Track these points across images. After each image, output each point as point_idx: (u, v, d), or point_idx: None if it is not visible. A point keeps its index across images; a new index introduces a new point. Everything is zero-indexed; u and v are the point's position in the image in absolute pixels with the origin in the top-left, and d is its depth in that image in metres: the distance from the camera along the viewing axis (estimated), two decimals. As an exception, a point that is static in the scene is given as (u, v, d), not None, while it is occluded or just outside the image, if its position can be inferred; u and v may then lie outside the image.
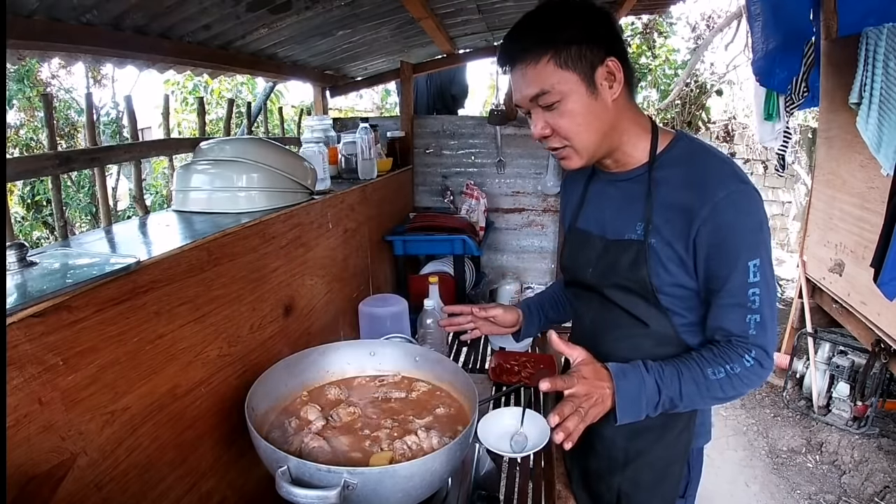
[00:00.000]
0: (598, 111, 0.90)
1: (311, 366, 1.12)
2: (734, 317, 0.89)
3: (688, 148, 0.95)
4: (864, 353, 2.83)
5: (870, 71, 1.67)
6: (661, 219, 0.92)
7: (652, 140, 0.96)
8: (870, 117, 1.68)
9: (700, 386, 0.89)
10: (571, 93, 0.87)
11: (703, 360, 0.91)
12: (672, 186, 0.92)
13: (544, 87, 0.87)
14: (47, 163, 1.40)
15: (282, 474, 0.76)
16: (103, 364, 0.73)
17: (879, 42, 1.64)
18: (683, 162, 0.93)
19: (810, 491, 2.76)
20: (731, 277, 0.88)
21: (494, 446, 1.29)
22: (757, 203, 0.88)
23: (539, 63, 0.86)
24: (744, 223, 0.87)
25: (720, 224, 0.86)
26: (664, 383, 0.90)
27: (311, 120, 2.02)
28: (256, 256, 1.11)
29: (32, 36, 1.19)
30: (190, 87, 6.31)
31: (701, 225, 0.87)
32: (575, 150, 0.93)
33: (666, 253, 0.92)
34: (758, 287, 0.87)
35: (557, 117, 0.89)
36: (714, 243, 0.88)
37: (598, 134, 0.91)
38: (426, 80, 3.54)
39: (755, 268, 0.87)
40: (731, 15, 6.75)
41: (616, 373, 0.90)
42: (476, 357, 1.98)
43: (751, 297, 0.88)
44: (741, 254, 0.87)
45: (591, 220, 1.07)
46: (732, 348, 0.90)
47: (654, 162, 0.95)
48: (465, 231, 2.06)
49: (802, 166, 5.50)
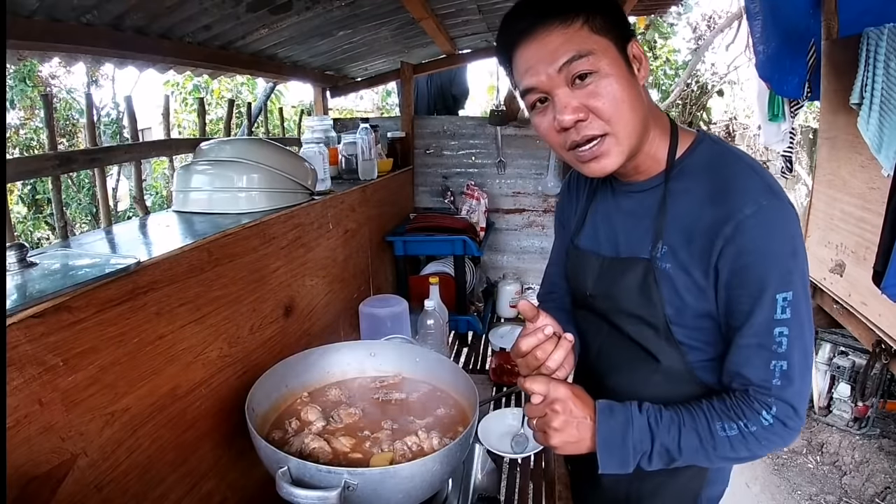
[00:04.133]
0: (637, 91, 0.76)
1: (312, 366, 1.12)
2: (756, 361, 0.74)
3: (711, 153, 0.81)
4: (864, 353, 2.83)
5: (870, 71, 1.67)
6: (678, 239, 0.79)
7: (671, 143, 0.82)
8: (871, 118, 1.68)
9: (704, 442, 0.76)
10: (612, 63, 0.73)
11: (711, 412, 0.77)
12: (692, 201, 0.78)
13: (581, 49, 0.71)
14: (47, 163, 1.40)
15: (282, 475, 0.76)
16: (103, 365, 0.73)
17: (880, 43, 1.64)
18: (705, 170, 0.79)
19: (811, 492, 2.76)
20: (755, 312, 0.73)
21: (495, 447, 1.29)
22: (791, 222, 0.73)
23: (571, 26, 0.72)
24: (774, 247, 0.72)
25: (745, 246, 0.72)
26: (659, 430, 0.76)
27: (311, 120, 2.02)
28: (257, 257, 1.11)
29: (32, 36, 1.19)
30: (190, 88, 6.32)
31: (724, 246, 0.73)
32: (616, 138, 0.75)
33: (683, 281, 0.79)
34: (787, 326, 0.72)
35: (595, 94, 0.73)
36: (737, 269, 0.74)
37: (638, 119, 0.76)
38: (426, 80, 3.54)
39: (785, 302, 0.72)
40: (731, 15, 6.75)
41: (601, 408, 0.79)
42: (476, 358, 1.98)
43: (777, 337, 0.72)
44: (769, 284, 0.72)
45: (598, 237, 0.92)
46: (749, 401, 0.75)
47: (672, 170, 0.81)
48: (466, 231, 2.06)
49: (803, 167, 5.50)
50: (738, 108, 7.70)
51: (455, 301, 2.04)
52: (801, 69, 2.46)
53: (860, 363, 2.97)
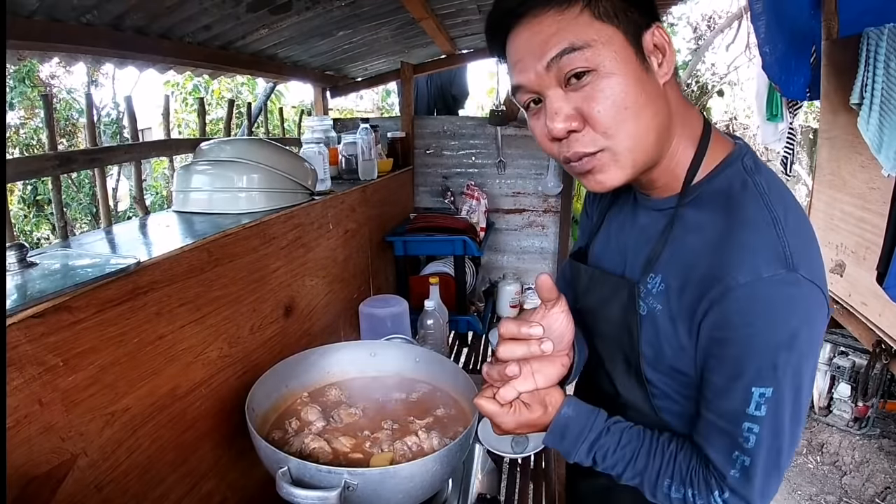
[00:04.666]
0: (652, 94, 0.60)
1: (312, 367, 1.12)
2: (718, 444, 0.64)
3: (737, 182, 0.64)
4: (864, 353, 2.83)
5: (871, 72, 1.67)
6: (675, 281, 0.65)
7: (695, 156, 0.66)
8: (871, 118, 1.68)
9: (647, 486, 0.69)
10: (617, 57, 0.58)
11: (668, 467, 0.68)
12: (700, 240, 0.64)
13: (575, 41, 0.58)
14: (47, 163, 1.40)
15: (282, 475, 0.76)
16: (103, 365, 0.72)
17: (880, 43, 1.64)
18: (724, 205, 0.63)
19: (811, 492, 2.76)
20: (725, 395, 0.62)
21: (495, 447, 1.29)
22: (797, 305, 0.58)
23: (566, 13, 0.58)
24: (764, 331, 0.58)
25: (728, 320, 0.59)
26: (604, 460, 0.70)
27: (311, 120, 2.02)
28: (257, 257, 1.11)
29: (32, 36, 1.19)
30: (190, 88, 6.31)
31: (707, 310, 0.61)
32: (614, 153, 0.62)
33: (665, 330, 0.67)
34: (758, 424, 0.60)
35: (592, 98, 0.59)
36: (716, 340, 0.61)
37: (649, 130, 0.61)
38: (426, 80, 3.54)
39: (762, 399, 0.59)
40: (732, 15, 6.75)
41: (567, 402, 0.72)
42: (476, 358, 1.98)
43: (744, 432, 0.61)
44: (744, 373, 0.59)
45: (608, 248, 0.80)
46: (706, 475, 0.65)
47: (686, 194, 0.67)
48: (466, 232, 2.06)
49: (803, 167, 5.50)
50: (739, 109, 7.70)
51: (455, 301, 2.04)
52: (805, 69, 2.46)
53: (860, 363, 2.97)
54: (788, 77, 2.61)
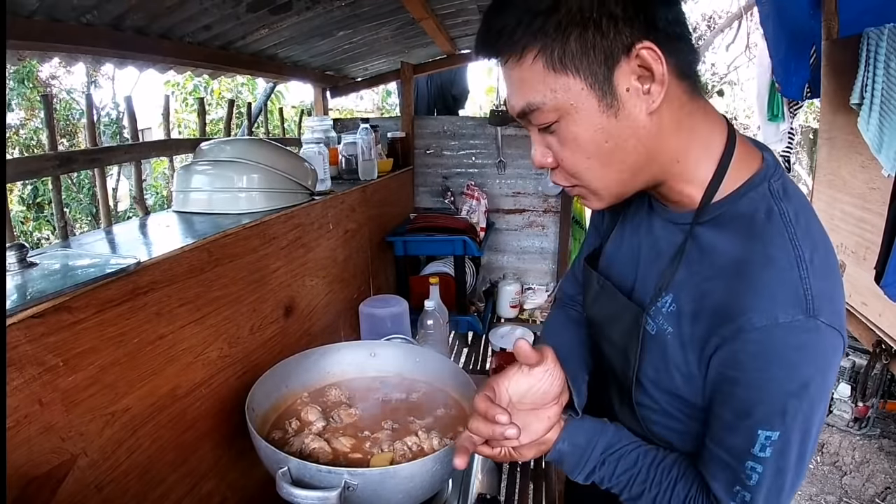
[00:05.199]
0: (623, 134, 0.58)
1: (312, 367, 1.12)
2: (720, 476, 0.63)
3: (763, 206, 0.60)
4: (864, 353, 2.83)
5: (871, 72, 1.67)
6: (689, 306, 0.63)
7: (716, 172, 0.62)
8: (871, 118, 1.68)
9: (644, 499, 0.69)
10: (573, 110, 0.57)
11: (664, 496, 0.67)
12: (716, 260, 0.61)
13: (531, 100, 0.58)
14: (48, 163, 1.40)
15: (282, 475, 0.76)
16: (103, 365, 0.73)
17: (881, 43, 1.64)
18: (744, 227, 0.60)
19: (811, 492, 2.76)
20: (731, 430, 0.61)
21: (495, 447, 1.28)
22: (816, 350, 0.56)
23: (523, 61, 0.57)
24: (773, 377, 0.57)
25: (739, 361, 0.58)
26: (602, 482, 0.71)
27: (311, 120, 2.02)
28: (257, 257, 1.11)
29: (32, 36, 1.19)
30: (190, 88, 6.31)
31: (719, 345, 0.59)
32: (589, 190, 0.64)
33: (674, 354, 0.64)
34: (763, 465, 0.59)
35: (559, 143, 0.61)
36: (726, 377, 0.60)
37: (619, 169, 0.61)
38: (426, 80, 3.54)
39: (768, 441, 0.58)
40: (732, 16, 6.74)
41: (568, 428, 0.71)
42: (477, 358, 1.98)
43: (748, 470, 0.60)
44: (752, 414, 0.58)
45: (618, 255, 0.77)
46: (705, 500, 0.65)
47: (704, 214, 0.62)
48: (466, 232, 2.06)
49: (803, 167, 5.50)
50: (739, 109, 7.70)
51: (455, 301, 2.04)
52: (803, 69, 2.46)
53: (860, 363, 2.97)
54: (788, 77, 2.61)
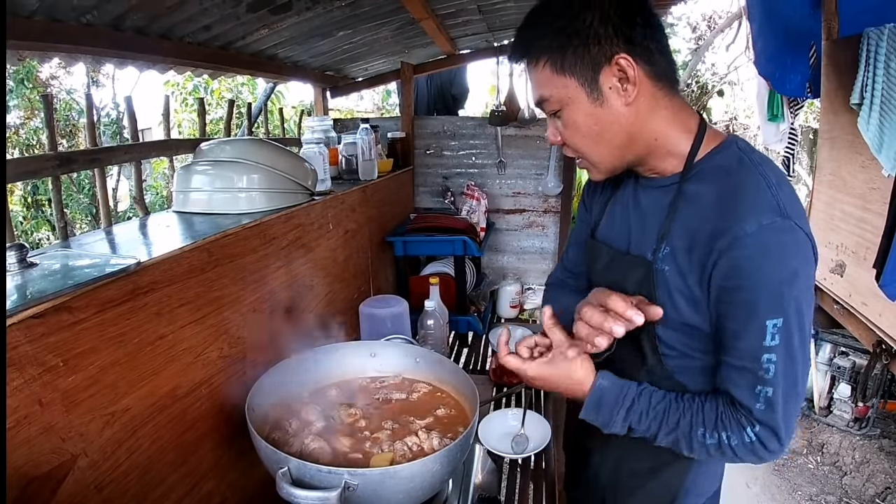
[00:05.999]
0: (607, 120, 0.77)
1: (312, 367, 1.12)
2: (741, 383, 0.74)
3: (733, 158, 0.77)
4: (865, 354, 2.83)
5: (871, 72, 1.67)
6: (681, 243, 0.78)
7: (693, 143, 0.80)
8: (871, 118, 1.68)
9: (681, 443, 0.79)
10: (571, 101, 0.78)
11: (698, 417, 0.78)
12: (701, 205, 0.77)
13: (543, 93, 0.80)
14: (47, 163, 1.40)
15: (282, 475, 0.76)
16: (104, 365, 0.73)
17: (881, 43, 1.64)
18: (722, 175, 0.77)
19: (811, 492, 2.76)
20: (742, 335, 0.73)
21: (495, 447, 1.29)
22: (797, 247, 0.70)
23: (537, 66, 0.79)
24: (770, 270, 0.69)
25: (739, 265, 0.70)
26: (639, 424, 0.80)
27: (311, 121, 2.02)
28: (257, 257, 1.11)
29: (32, 36, 1.19)
30: (190, 88, 6.31)
31: (717, 259, 0.72)
32: (590, 161, 0.83)
33: (677, 284, 0.78)
34: (775, 353, 0.70)
35: (563, 126, 0.81)
36: (728, 288, 0.72)
37: (610, 146, 0.80)
38: (426, 80, 3.54)
39: (775, 329, 0.70)
40: (732, 15, 6.75)
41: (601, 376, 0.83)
42: (477, 358, 1.98)
43: (764, 364, 0.71)
44: (758, 309, 0.70)
45: (613, 228, 0.94)
46: (735, 415, 0.76)
47: (689, 171, 0.80)
48: (466, 232, 2.06)
49: (803, 167, 5.50)
50: (739, 109, 7.69)
51: (455, 301, 2.04)
52: (802, 68, 2.46)
53: (860, 363, 2.97)
54: (784, 74, 2.61)
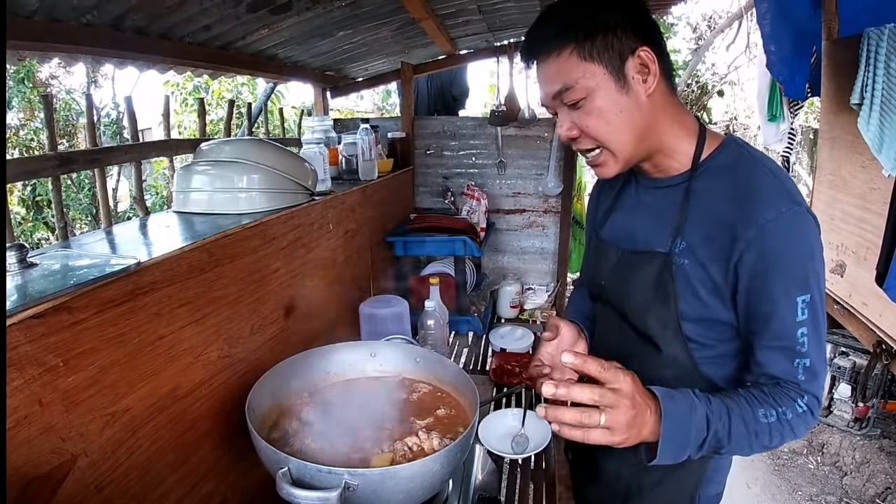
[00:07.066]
0: (631, 108, 0.79)
1: (312, 367, 1.12)
2: (781, 361, 0.78)
3: (736, 155, 0.84)
4: (865, 354, 2.83)
5: (871, 72, 1.67)
6: (697, 236, 0.82)
7: (697, 143, 0.85)
8: (871, 118, 1.68)
9: (749, 428, 0.76)
10: (598, 88, 0.78)
11: (752, 399, 0.78)
12: (714, 199, 0.82)
13: (567, 81, 0.79)
14: (47, 164, 1.40)
15: (282, 475, 0.76)
16: (104, 365, 0.72)
17: (881, 43, 1.64)
18: (729, 171, 0.82)
19: (812, 492, 2.76)
20: (776, 315, 0.77)
21: (495, 447, 1.29)
22: (811, 228, 0.77)
23: (561, 55, 0.78)
24: (794, 251, 0.76)
25: (767, 251, 0.76)
26: (713, 416, 0.75)
27: (311, 121, 2.02)
28: (257, 257, 1.11)
29: (32, 36, 1.19)
30: (190, 88, 6.30)
31: (744, 250, 0.77)
32: (611, 153, 0.83)
33: (699, 276, 0.82)
34: (806, 326, 0.76)
35: (585, 116, 0.80)
36: (758, 273, 0.77)
37: (632, 134, 0.81)
38: (427, 80, 3.54)
39: (804, 304, 0.76)
40: (732, 16, 6.74)
41: (663, 396, 0.74)
42: (477, 358, 1.97)
43: (800, 338, 0.77)
44: (790, 288, 0.76)
45: (618, 229, 0.97)
46: (784, 391, 0.79)
47: (697, 169, 0.84)
48: (466, 232, 2.06)
49: (803, 167, 5.51)
50: (739, 109, 7.70)
51: (455, 301, 2.04)
52: (805, 69, 2.46)
53: (861, 364, 2.96)
54: (792, 76, 2.61)
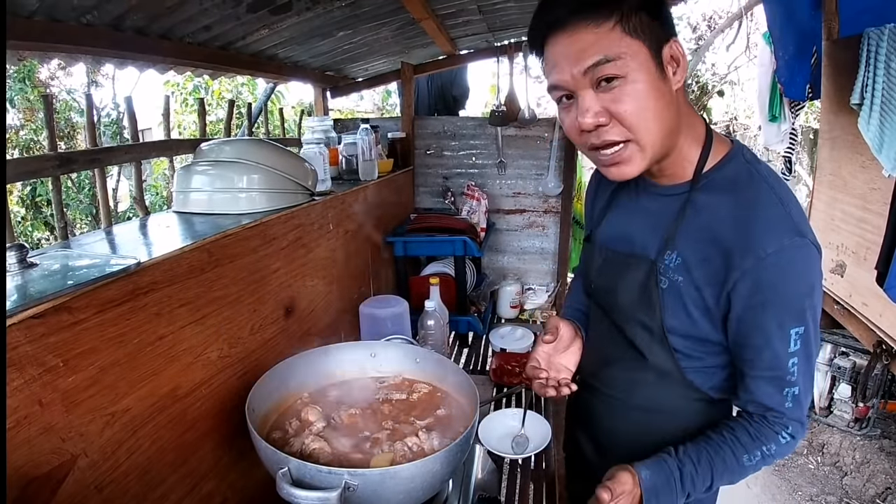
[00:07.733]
0: (667, 98, 0.72)
1: (312, 367, 1.12)
2: (771, 390, 0.78)
3: (742, 170, 0.78)
4: (865, 354, 2.82)
5: (871, 72, 1.67)
6: (694, 255, 0.78)
7: (703, 151, 0.80)
8: (871, 118, 1.68)
9: (734, 474, 0.81)
10: (640, 69, 0.69)
11: (737, 445, 0.80)
12: (714, 217, 0.77)
13: (609, 53, 0.68)
14: (47, 164, 1.39)
15: (282, 476, 0.76)
16: (104, 365, 0.72)
17: (881, 43, 1.64)
18: (733, 188, 0.77)
19: (812, 492, 2.76)
20: (768, 347, 0.76)
21: (495, 448, 1.29)
22: (813, 262, 0.74)
23: (601, 26, 0.69)
24: (793, 287, 0.73)
25: (763, 284, 0.73)
26: (697, 481, 0.80)
27: (311, 121, 2.02)
28: (257, 258, 1.11)
29: (32, 36, 1.19)
30: (190, 88, 6.30)
31: (739, 279, 0.74)
32: (639, 147, 0.74)
33: (692, 296, 0.79)
34: (797, 357, 0.76)
35: (619, 100, 0.70)
36: (752, 305, 0.75)
37: (664, 127, 0.74)
38: (427, 81, 3.54)
39: (797, 336, 0.75)
40: (732, 16, 6.74)
41: (645, 477, 0.80)
42: (477, 358, 1.97)
43: (790, 368, 0.76)
44: (784, 321, 0.74)
45: (613, 230, 0.93)
46: (769, 426, 0.80)
47: (699, 181, 0.80)
48: (466, 232, 2.06)
49: (803, 167, 5.50)
50: (739, 109, 7.69)
51: (455, 302, 2.04)
52: (805, 70, 2.46)
53: (861, 364, 2.96)
54: (792, 77, 2.61)
